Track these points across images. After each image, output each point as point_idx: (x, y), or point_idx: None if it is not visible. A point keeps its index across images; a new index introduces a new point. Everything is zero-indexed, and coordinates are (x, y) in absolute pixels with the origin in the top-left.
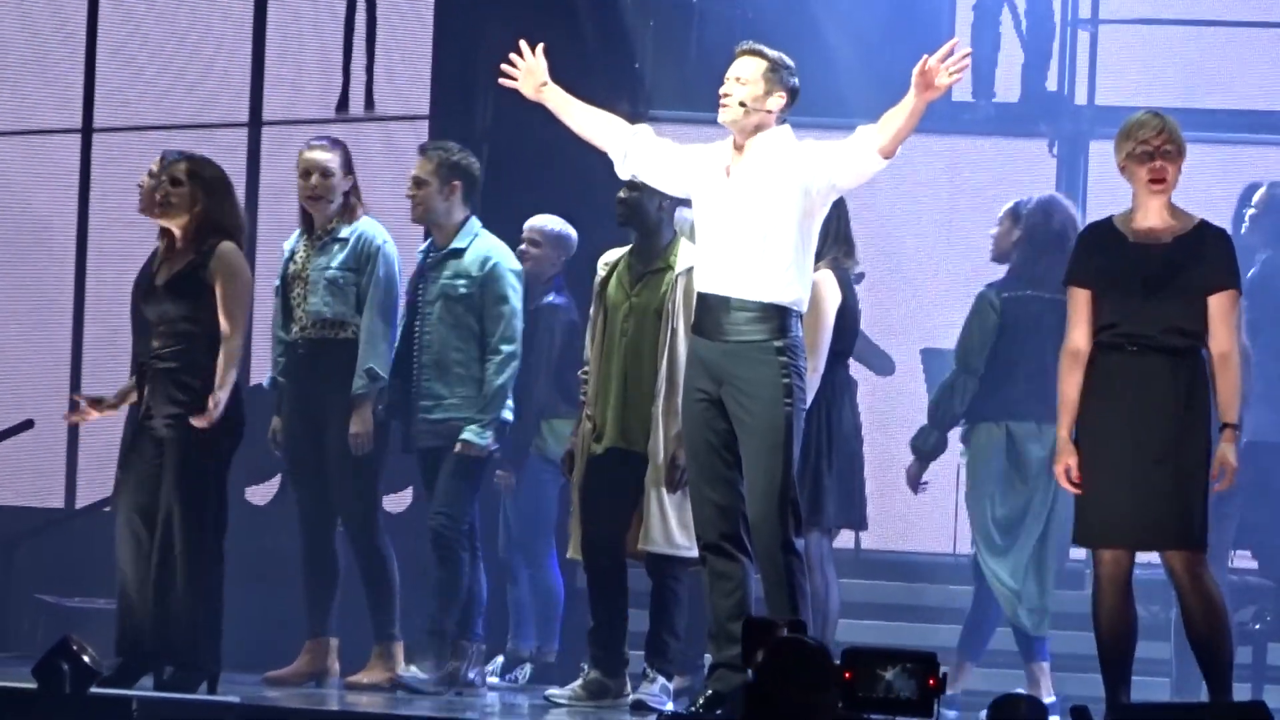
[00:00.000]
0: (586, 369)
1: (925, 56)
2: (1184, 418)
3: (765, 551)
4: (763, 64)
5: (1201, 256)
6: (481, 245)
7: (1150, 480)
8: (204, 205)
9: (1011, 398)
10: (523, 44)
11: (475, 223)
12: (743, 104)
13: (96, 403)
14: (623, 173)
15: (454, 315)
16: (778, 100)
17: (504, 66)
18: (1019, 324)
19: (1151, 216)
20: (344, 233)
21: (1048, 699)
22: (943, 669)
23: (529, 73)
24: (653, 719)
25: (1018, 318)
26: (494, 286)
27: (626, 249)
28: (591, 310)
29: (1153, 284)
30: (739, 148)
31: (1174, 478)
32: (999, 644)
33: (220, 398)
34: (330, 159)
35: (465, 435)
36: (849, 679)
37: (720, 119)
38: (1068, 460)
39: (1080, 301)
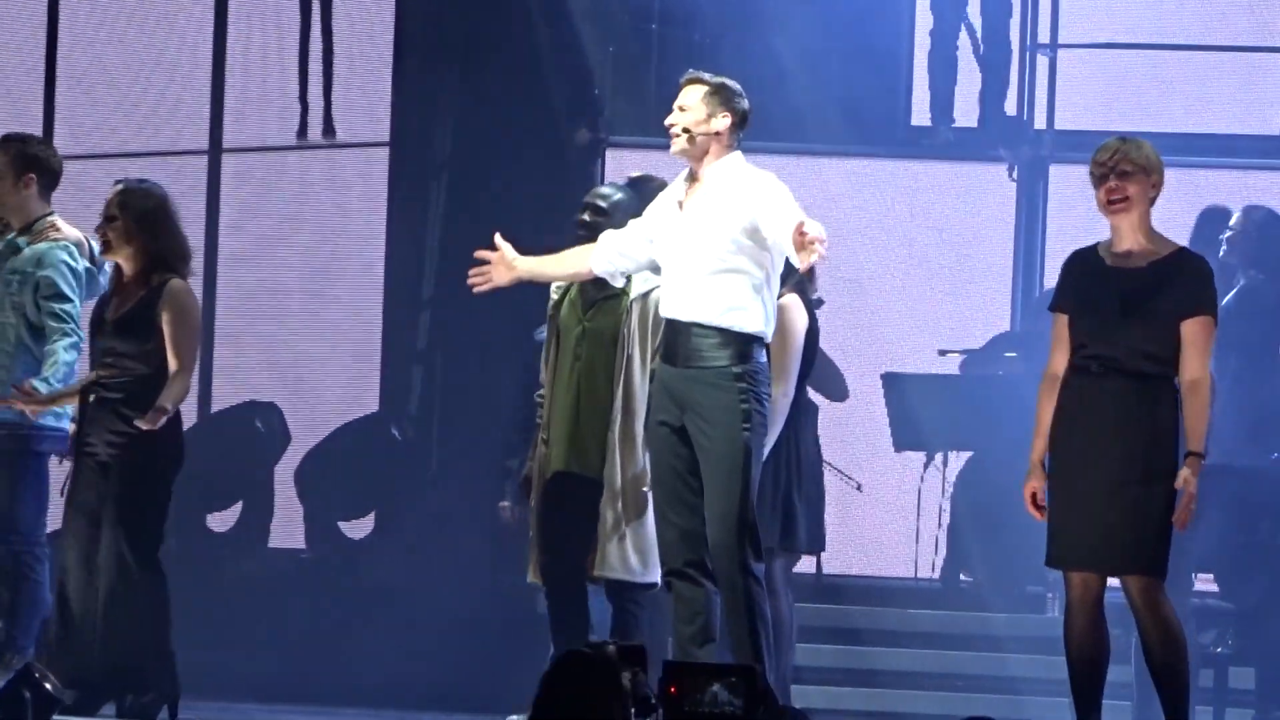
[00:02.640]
0: (542, 392)
1: (800, 222)
2: (1146, 443)
3: (725, 576)
4: (703, 89)
5: (1176, 282)
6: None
7: (1109, 504)
8: (141, 240)
9: None
10: (479, 254)
11: (53, 219)
12: (686, 130)
13: (31, 392)
14: (618, 281)
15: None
16: (722, 121)
17: (473, 276)
18: None
19: (1126, 240)
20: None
21: None
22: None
23: (499, 262)
24: None
25: None
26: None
27: None
28: (545, 333)
29: (1124, 308)
30: (694, 177)
31: (1132, 503)
32: (965, 668)
33: (166, 406)
34: None
35: None
36: (674, 694)
37: (672, 151)
38: (1035, 485)
39: (1059, 326)
